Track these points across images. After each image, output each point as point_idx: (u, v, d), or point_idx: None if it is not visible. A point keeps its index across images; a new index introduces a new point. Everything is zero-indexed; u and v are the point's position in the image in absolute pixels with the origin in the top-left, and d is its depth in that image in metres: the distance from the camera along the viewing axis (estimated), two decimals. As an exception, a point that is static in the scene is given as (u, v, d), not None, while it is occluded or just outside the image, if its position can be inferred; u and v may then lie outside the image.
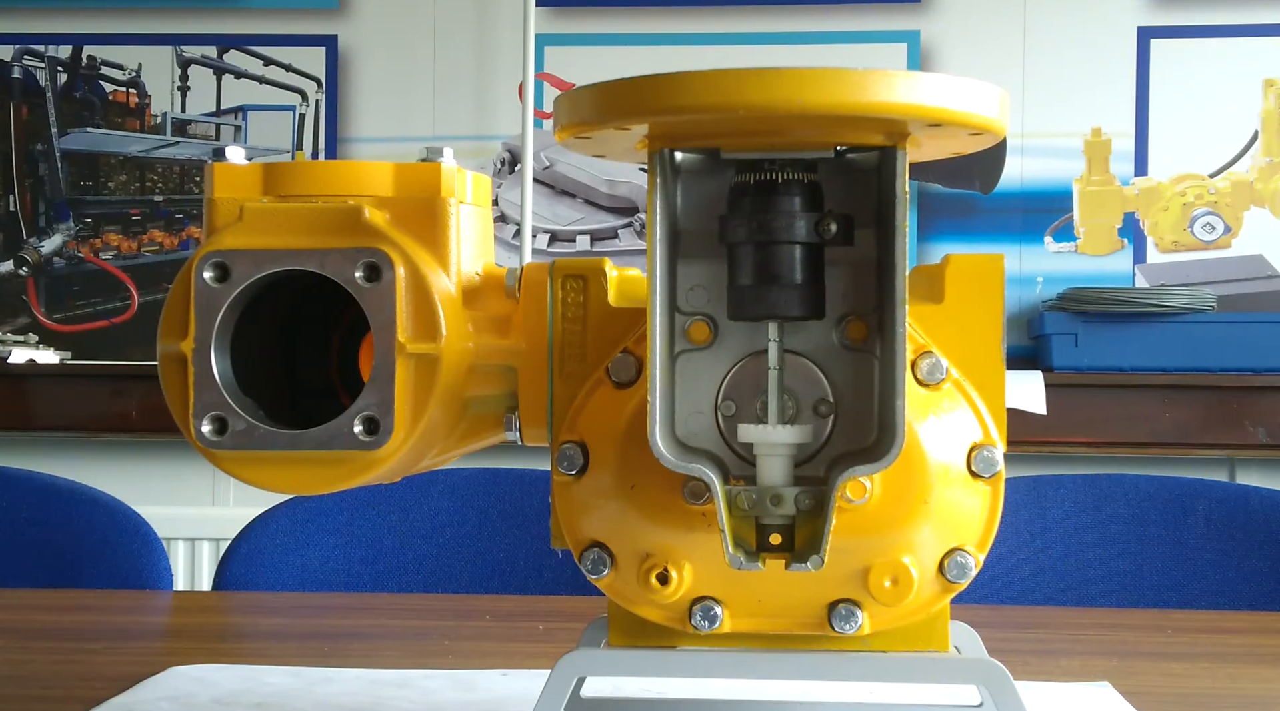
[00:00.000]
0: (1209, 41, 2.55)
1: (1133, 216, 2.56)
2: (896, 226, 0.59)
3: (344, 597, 1.22)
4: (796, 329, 0.63)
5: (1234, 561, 1.34)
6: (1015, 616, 1.12)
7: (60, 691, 0.83)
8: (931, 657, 0.64)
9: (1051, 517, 1.38)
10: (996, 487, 0.63)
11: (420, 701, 0.79)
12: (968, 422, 0.63)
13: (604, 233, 2.61)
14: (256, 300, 0.62)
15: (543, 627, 1.03)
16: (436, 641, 0.97)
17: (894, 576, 0.61)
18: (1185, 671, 0.91)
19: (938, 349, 0.63)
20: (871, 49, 2.58)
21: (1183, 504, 1.38)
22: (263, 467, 0.61)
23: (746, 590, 0.63)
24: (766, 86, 0.55)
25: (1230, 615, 1.17)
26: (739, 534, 0.62)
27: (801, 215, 0.60)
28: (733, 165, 0.62)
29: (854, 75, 0.55)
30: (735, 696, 0.77)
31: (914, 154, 0.61)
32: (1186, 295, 2.33)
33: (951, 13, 2.59)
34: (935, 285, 0.64)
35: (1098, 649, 0.97)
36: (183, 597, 1.52)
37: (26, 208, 2.74)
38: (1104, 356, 2.31)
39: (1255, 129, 2.55)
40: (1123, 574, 1.36)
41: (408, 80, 2.65)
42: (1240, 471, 2.38)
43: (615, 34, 2.64)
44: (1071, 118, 2.56)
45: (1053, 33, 2.57)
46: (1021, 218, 2.57)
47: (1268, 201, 2.54)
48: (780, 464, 0.61)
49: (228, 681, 0.83)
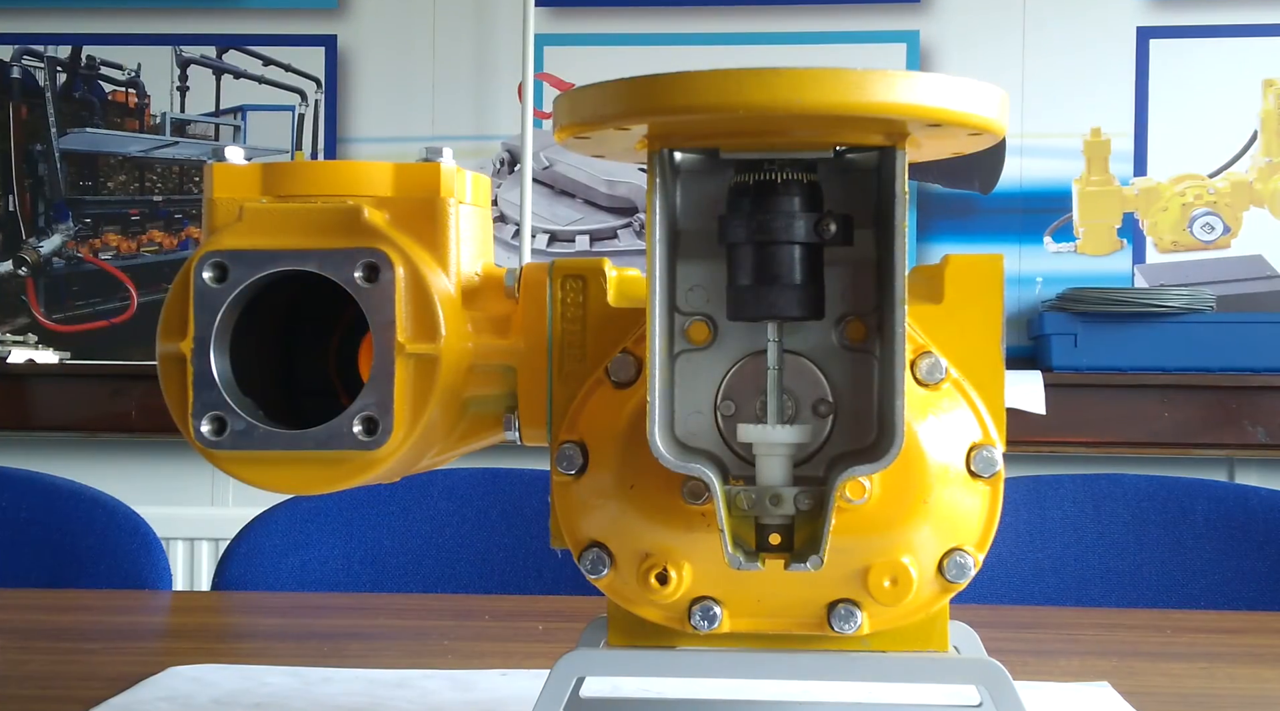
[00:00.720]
0: (1208, 42, 2.55)
1: (1132, 216, 2.56)
2: (896, 226, 0.59)
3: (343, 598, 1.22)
4: (796, 329, 0.63)
5: (1233, 561, 1.34)
6: (1014, 616, 1.12)
7: (59, 691, 0.83)
8: (931, 658, 0.64)
9: (1051, 518, 1.38)
10: (996, 487, 0.63)
11: (419, 701, 0.79)
12: (967, 422, 0.63)
13: (603, 233, 2.61)
14: (256, 300, 0.62)
15: (542, 627, 1.03)
16: (436, 641, 0.97)
17: (893, 576, 0.61)
18: (1184, 671, 0.91)
19: (937, 349, 0.63)
20: (870, 49, 2.58)
21: (1182, 504, 1.38)
22: (262, 468, 0.61)
23: (746, 590, 0.63)
24: (766, 86, 0.55)
25: (1229, 615, 1.17)
26: (738, 534, 0.62)
27: (801, 215, 0.60)
28: (732, 165, 0.62)
29: (853, 75, 0.55)
30: (734, 696, 0.77)
31: (913, 154, 0.61)
32: (1186, 295, 2.33)
33: (951, 13, 2.59)
34: (934, 285, 0.64)
35: (1097, 649, 0.97)
36: (182, 597, 1.52)
37: (26, 208, 2.74)
38: (1103, 356, 2.31)
39: (1254, 129, 2.55)
40: (1122, 574, 1.36)
41: (407, 80, 2.65)
42: (1239, 471, 2.38)
43: (614, 34, 2.64)
44: (1071, 118, 2.56)
45: (1052, 33, 2.57)
46: (1021, 218, 2.57)
47: (1267, 201, 2.54)
48: (779, 464, 0.61)
49: (227, 681, 0.83)
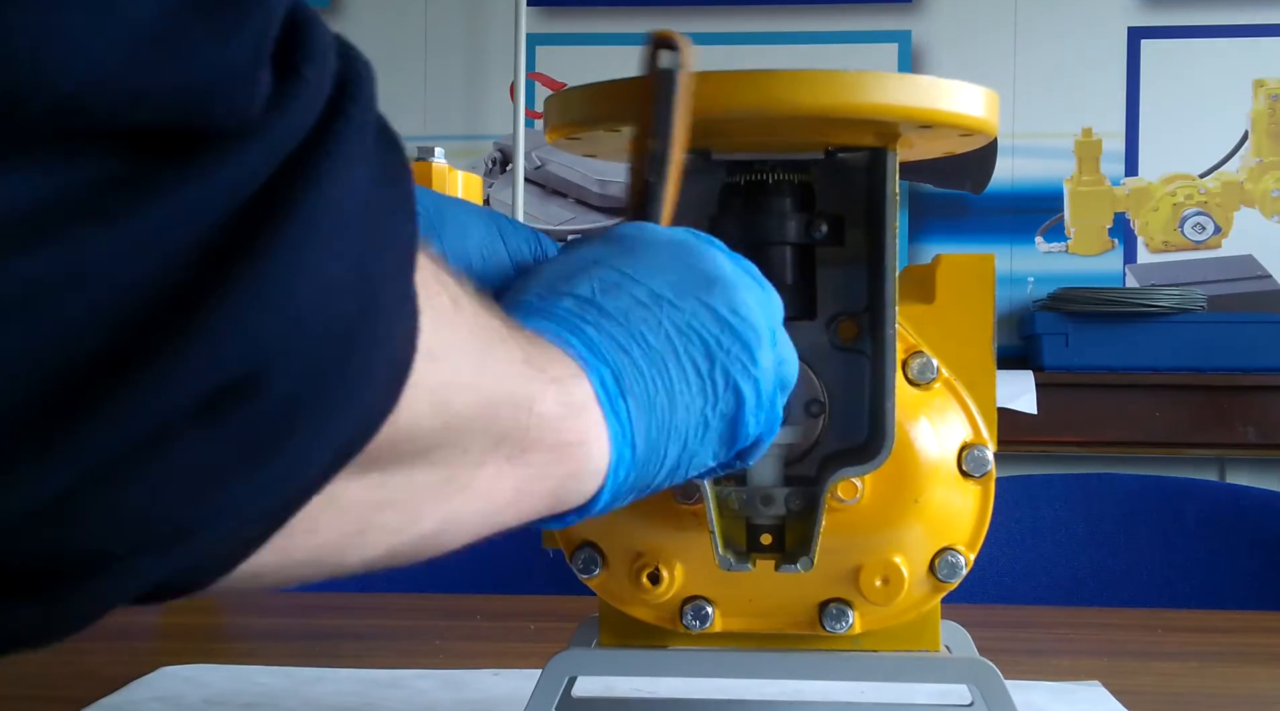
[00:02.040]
0: (1199, 42, 2.56)
1: (1123, 216, 2.57)
2: (887, 227, 0.59)
3: (335, 597, 1.22)
4: (788, 328, 0.63)
5: (1224, 561, 1.34)
6: (1006, 616, 1.12)
7: (52, 691, 0.83)
8: (922, 657, 0.64)
9: (1042, 517, 1.39)
10: (987, 487, 0.63)
11: (411, 701, 0.79)
12: (958, 422, 0.63)
13: (596, 232, 2.61)
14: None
15: (534, 627, 1.03)
16: (428, 641, 0.97)
17: (885, 576, 0.62)
18: (1175, 671, 0.91)
19: (928, 349, 0.63)
20: (862, 49, 2.59)
21: (1173, 504, 1.38)
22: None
23: (737, 589, 0.63)
24: (757, 88, 0.55)
25: (1220, 614, 1.17)
26: (729, 534, 0.62)
27: (792, 216, 0.61)
28: (724, 165, 0.62)
29: (845, 77, 0.55)
30: (726, 696, 0.77)
31: (905, 153, 0.61)
32: (1176, 295, 2.33)
33: (942, 13, 2.59)
34: (926, 285, 0.64)
35: (1088, 648, 0.97)
36: (173, 597, 1.51)
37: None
38: (1094, 356, 2.32)
39: (1245, 129, 2.55)
40: (1113, 573, 1.36)
41: (399, 80, 2.65)
42: (1230, 471, 2.39)
43: (606, 34, 2.64)
44: (1062, 118, 2.57)
45: (1043, 33, 2.57)
46: (1012, 218, 2.57)
47: (1257, 202, 2.55)
48: (771, 464, 0.61)
49: (219, 681, 0.83)
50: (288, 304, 0.27)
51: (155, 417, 0.26)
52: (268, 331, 0.27)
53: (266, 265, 0.27)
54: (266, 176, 0.27)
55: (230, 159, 0.27)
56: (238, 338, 0.27)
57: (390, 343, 0.31)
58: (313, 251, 0.28)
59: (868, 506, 0.61)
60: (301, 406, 0.28)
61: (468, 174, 0.72)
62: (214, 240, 0.27)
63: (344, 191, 0.29)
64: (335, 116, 0.29)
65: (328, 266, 0.28)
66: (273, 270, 0.27)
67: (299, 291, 0.27)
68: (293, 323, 0.27)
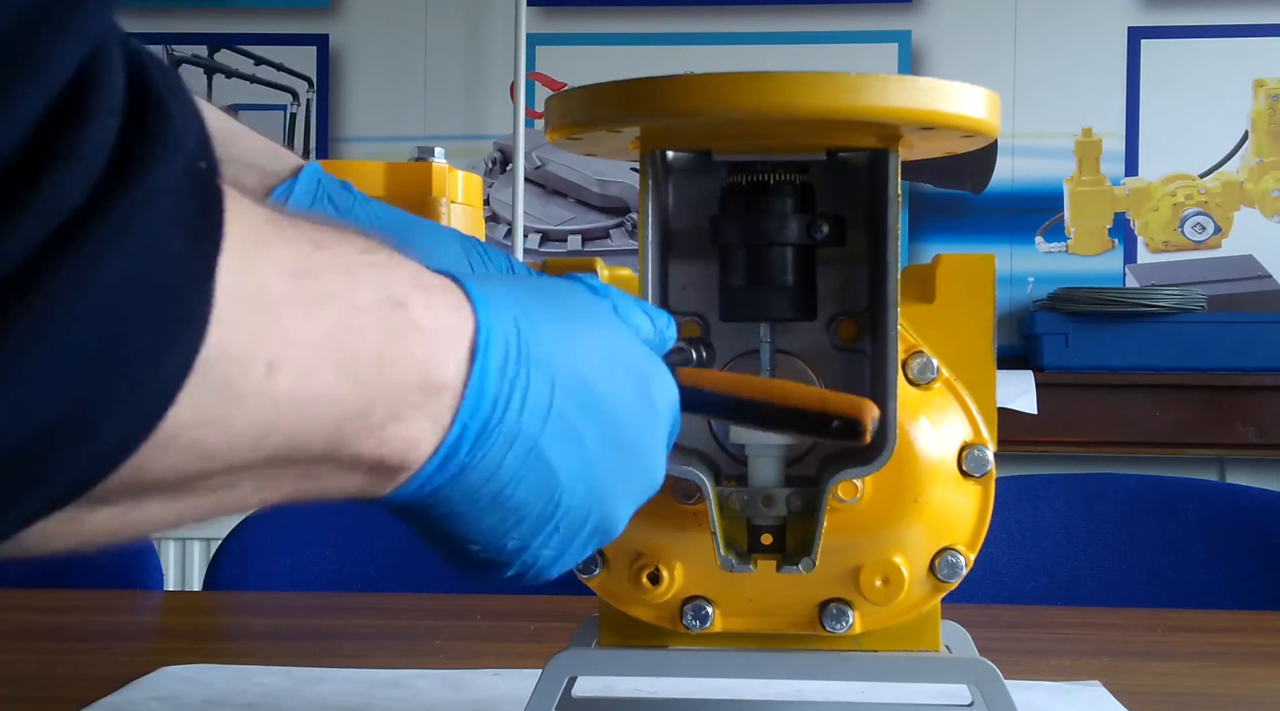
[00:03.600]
0: (1199, 42, 2.56)
1: (1123, 216, 2.57)
2: (888, 228, 0.59)
3: (335, 597, 1.22)
4: (788, 329, 0.63)
5: (1224, 561, 1.34)
6: (1006, 616, 1.12)
7: (51, 692, 0.83)
8: (922, 657, 0.64)
9: (1042, 517, 1.39)
10: (987, 487, 0.63)
11: (411, 701, 0.79)
12: (958, 422, 0.63)
13: (595, 232, 2.60)
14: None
15: (534, 627, 1.03)
16: (428, 641, 0.97)
17: (885, 576, 0.62)
18: (1175, 670, 0.91)
19: (929, 349, 0.63)
20: (862, 49, 2.58)
21: (1173, 504, 1.38)
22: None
23: (737, 590, 0.63)
24: (758, 90, 0.55)
25: (1220, 614, 1.17)
26: (730, 535, 0.62)
27: (793, 216, 0.61)
28: (725, 166, 0.62)
29: (846, 79, 0.55)
30: (726, 696, 0.77)
31: (906, 154, 0.61)
32: (1176, 295, 2.33)
33: (942, 13, 2.59)
34: (926, 285, 0.64)
35: (1088, 648, 0.97)
36: (173, 597, 1.51)
37: (17, 207, 2.73)
38: (1094, 356, 2.32)
39: (1245, 129, 2.55)
40: (1113, 573, 1.36)
41: (399, 80, 2.64)
42: (1230, 471, 2.39)
43: (607, 34, 2.64)
44: (1062, 118, 2.57)
45: (1043, 33, 2.57)
46: (1012, 218, 2.57)
47: (1257, 202, 2.55)
48: (771, 465, 0.61)
49: (218, 681, 0.83)
50: (15, 388, 0.28)
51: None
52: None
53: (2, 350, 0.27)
54: (22, 257, 0.27)
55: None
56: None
57: (131, 416, 0.31)
58: (54, 335, 0.28)
59: (868, 506, 0.61)
60: (21, 472, 0.29)
61: (468, 174, 0.72)
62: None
63: (107, 269, 0.29)
64: (114, 183, 0.29)
65: (66, 353, 0.28)
66: (5, 356, 0.27)
67: (33, 375, 0.28)
68: (19, 408, 0.28)
